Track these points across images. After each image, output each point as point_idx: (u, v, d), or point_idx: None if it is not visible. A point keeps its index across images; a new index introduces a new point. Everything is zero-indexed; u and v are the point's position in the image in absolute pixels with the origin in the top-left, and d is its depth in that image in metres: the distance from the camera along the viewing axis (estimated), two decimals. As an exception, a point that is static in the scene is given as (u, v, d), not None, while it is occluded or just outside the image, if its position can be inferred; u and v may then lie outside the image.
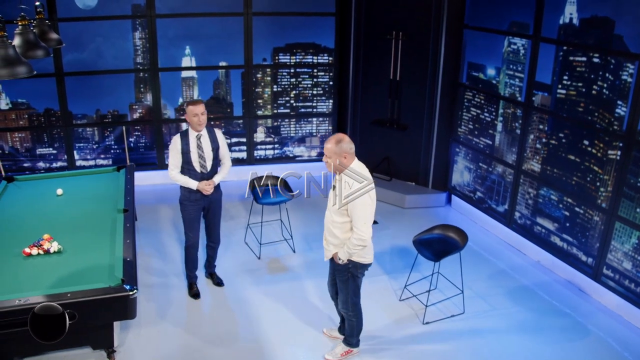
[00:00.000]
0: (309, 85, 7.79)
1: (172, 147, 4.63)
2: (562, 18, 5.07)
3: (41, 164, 7.26)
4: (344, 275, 3.88)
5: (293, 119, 7.91)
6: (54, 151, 7.27)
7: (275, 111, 7.81)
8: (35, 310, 3.28)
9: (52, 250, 4.15)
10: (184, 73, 7.39)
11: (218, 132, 4.76)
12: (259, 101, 7.72)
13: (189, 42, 7.25)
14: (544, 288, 5.24)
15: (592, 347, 4.40)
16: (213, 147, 4.68)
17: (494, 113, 6.12)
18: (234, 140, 7.78)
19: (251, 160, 7.93)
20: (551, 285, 5.31)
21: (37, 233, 4.33)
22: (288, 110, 7.85)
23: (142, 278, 5.06)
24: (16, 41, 3.80)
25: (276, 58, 7.54)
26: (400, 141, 7.24)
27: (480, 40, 6.21)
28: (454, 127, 6.79)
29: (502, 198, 6.14)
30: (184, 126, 7.35)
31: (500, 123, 6.06)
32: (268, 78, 7.63)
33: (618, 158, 4.69)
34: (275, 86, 7.68)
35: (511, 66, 5.79)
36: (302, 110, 7.88)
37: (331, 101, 7.93)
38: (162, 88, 7.35)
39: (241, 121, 7.75)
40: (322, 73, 7.77)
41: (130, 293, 3.55)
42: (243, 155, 7.90)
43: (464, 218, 6.73)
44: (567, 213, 5.28)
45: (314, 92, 7.84)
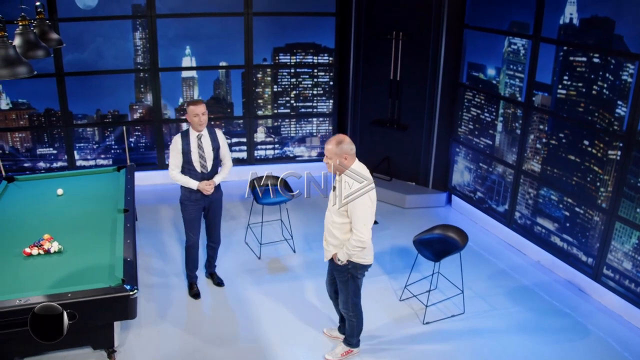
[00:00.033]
0: (309, 85, 7.79)
1: (173, 147, 4.63)
2: (562, 18, 5.07)
3: (41, 164, 7.26)
4: (344, 276, 3.88)
5: (293, 119, 7.91)
6: (55, 151, 7.27)
7: (275, 111, 7.81)
8: (35, 310, 3.28)
9: (53, 250, 4.15)
10: (184, 73, 7.39)
11: (219, 132, 4.77)
12: (259, 101, 7.72)
13: (189, 42, 7.25)
14: (544, 288, 5.24)
15: (592, 347, 4.40)
16: (214, 147, 4.68)
17: (494, 113, 6.11)
18: (234, 140, 7.78)
19: (251, 160, 7.93)
20: (551, 285, 5.31)
21: (38, 233, 4.33)
22: (288, 110, 7.84)
23: (143, 278, 5.06)
24: (16, 41, 3.80)
25: (276, 58, 7.54)
26: (400, 141, 7.24)
27: (480, 40, 6.21)
28: (454, 127, 6.79)
29: (502, 198, 6.14)
30: (185, 126, 7.35)
31: (500, 123, 6.06)
32: (268, 78, 7.63)
33: (618, 158, 4.69)
34: (275, 86, 7.68)
35: (511, 66, 5.79)
36: (303, 110, 7.88)
37: (331, 101, 7.93)
38: (163, 88, 7.35)
39: (241, 121, 7.75)
40: (322, 73, 7.77)
41: (130, 293, 3.55)
42: (243, 155, 7.90)
43: (464, 218, 6.73)
44: (567, 213, 5.28)
45: (314, 92, 7.84)
